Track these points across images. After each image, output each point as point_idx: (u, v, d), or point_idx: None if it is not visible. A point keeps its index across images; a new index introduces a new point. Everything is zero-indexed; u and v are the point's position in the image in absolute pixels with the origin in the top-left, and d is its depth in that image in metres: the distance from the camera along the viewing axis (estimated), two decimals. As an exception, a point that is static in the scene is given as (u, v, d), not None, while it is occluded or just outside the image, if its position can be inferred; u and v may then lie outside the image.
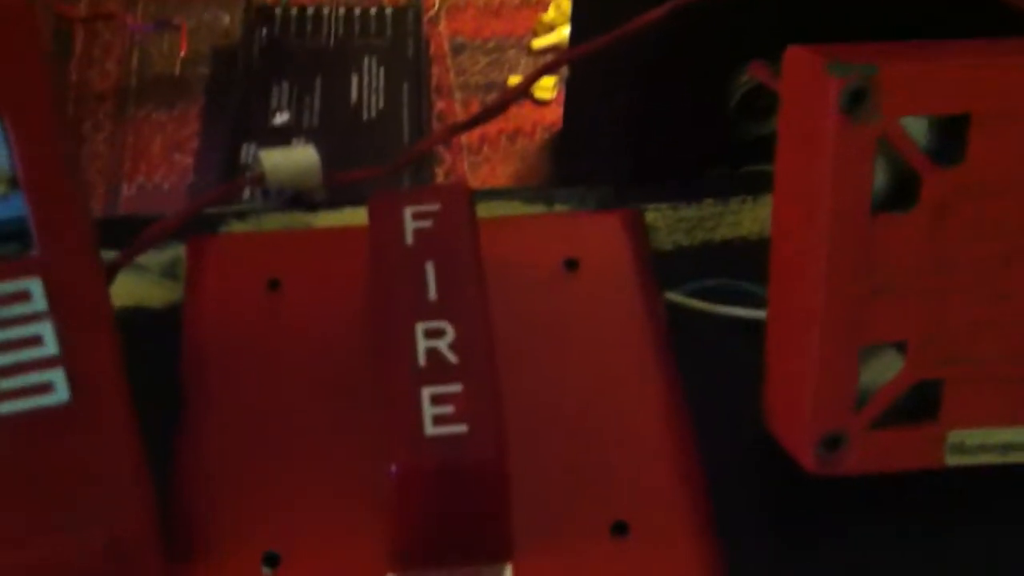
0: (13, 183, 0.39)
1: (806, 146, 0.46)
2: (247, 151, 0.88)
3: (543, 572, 0.45)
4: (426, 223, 0.48)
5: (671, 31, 0.61)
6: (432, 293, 0.46)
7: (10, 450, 0.41)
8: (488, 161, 1.01)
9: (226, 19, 1.00)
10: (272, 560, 0.45)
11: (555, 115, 1.02)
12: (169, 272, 0.54)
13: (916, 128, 0.45)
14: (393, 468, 0.42)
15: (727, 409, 0.51)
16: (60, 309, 0.40)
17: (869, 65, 0.44)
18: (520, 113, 1.05)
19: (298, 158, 0.56)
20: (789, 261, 0.48)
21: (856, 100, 0.44)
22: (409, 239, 0.47)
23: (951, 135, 0.45)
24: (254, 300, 0.51)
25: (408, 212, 0.48)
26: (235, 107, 0.95)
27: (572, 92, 0.85)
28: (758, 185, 0.60)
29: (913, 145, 0.44)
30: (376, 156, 0.85)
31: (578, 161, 0.85)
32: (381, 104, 0.90)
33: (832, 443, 0.47)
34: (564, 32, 1.01)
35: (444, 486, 0.43)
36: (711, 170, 0.64)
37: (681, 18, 0.59)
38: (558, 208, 0.59)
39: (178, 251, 0.55)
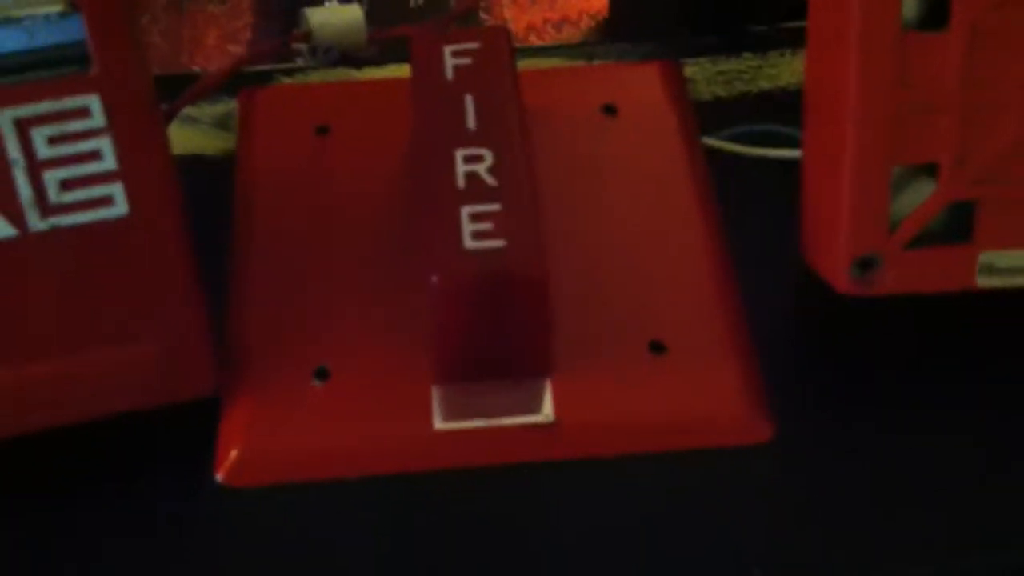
0: (71, 3, 0.41)
1: (837, -29, 0.46)
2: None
3: (581, 387, 0.47)
4: (466, 60, 0.49)
5: None
6: (471, 122, 0.47)
7: (71, 261, 0.43)
8: (533, 49, 1.00)
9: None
10: (322, 374, 0.47)
11: (601, 3, 1.02)
12: (222, 124, 0.56)
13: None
14: (433, 280, 0.44)
15: (765, 246, 0.53)
16: (117, 125, 0.42)
17: None
18: (567, 1, 1.06)
19: (343, 15, 0.57)
20: (822, 89, 0.49)
21: (885, -83, 0.44)
22: (449, 74, 0.49)
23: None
24: (303, 144, 0.53)
25: (448, 50, 0.50)
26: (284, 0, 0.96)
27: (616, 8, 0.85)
28: (798, 40, 0.61)
29: (943, -37, 0.45)
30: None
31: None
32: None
33: (866, 264, 0.48)
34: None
35: (483, 297, 0.44)
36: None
37: None
38: (597, 63, 0.60)
39: (230, 105, 0.57)
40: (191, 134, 0.56)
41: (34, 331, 0.44)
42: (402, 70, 0.59)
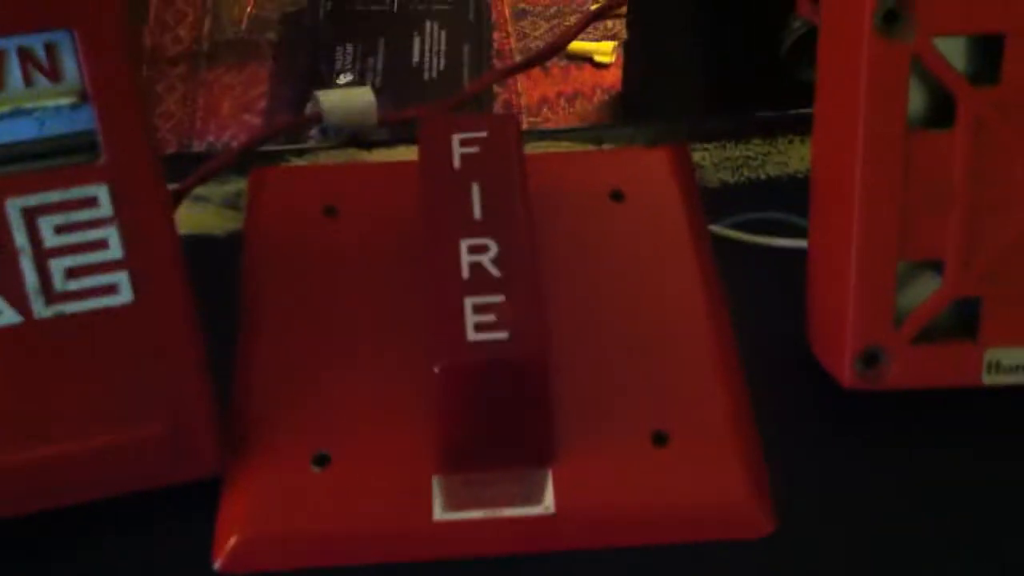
0: (82, 95, 0.41)
1: (843, 66, 0.47)
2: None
3: (583, 478, 0.47)
4: (474, 148, 0.50)
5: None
6: (477, 212, 0.48)
7: (77, 347, 0.43)
8: (547, 123, 1.02)
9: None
10: (322, 460, 0.47)
11: (614, 78, 1.03)
12: (232, 203, 0.57)
13: (954, 49, 0.46)
14: (436, 370, 0.44)
15: (771, 337, 0.53)
16: (124, 214, 0.42)
17: (903, -17, 0.45)
18: (580, 76, 1.07)
19: (355, 98, 0.58)
20: (828, 181, 0.49)
21: (890, 18, 0.45)
22: (457, 162, 0.49)
23: (988, 55, 0.46)
24: (311, 225, 0.54)
25: (456, 138, 0.50)
26: (301, 68, 0.97)
27: (631, 53, 0.86)
28: (807, 126, 0.61)
29: (946, 64, 0.45)
30: (437, 114, 0.85)
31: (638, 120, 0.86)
32: (442, 66, 0.92)
33: (870, 358, 0.48)
34: (625, -2, 1.02)
35: (485, 388, 0.44)
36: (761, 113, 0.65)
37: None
38: (607, 148, 0.60)
39: (240, 184, 0.57)
40: (201, 214, 0.56)
41: (38, 415, 0.44)
42: (412, 152, 0.59)
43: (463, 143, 0.49)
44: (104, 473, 0.45)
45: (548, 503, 0.46)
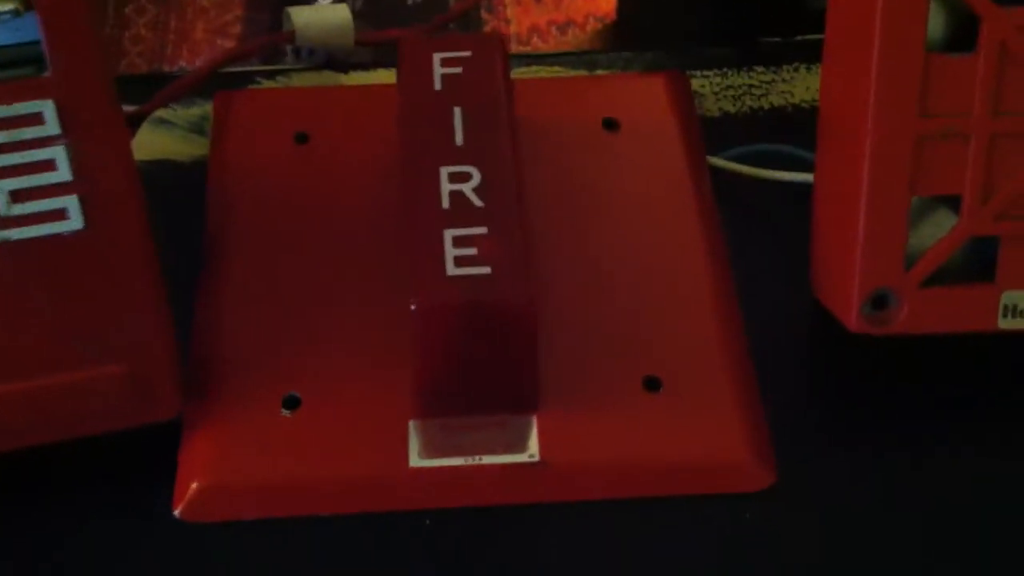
0: (23, 2, 0.38)
1: (858, -15, 0.43)
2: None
3: (570, 423, 0.44)
4: (456, 69, 0.46)
5: None
6: (459, 138, 0.44)
7: (25, 278, 0.40)
8: (536, 51, 0.97)
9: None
10: (292, 402, 0.44)
11: (608, 5, 0.98)
12: (197, 128, 0.53)
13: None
14: (413, 307, 0.41)
15: (772, 277, 0.49)
16: (73, 133, 0.39)
17: None
18: (572, 3, 1.02)
19: (329, 15, 0.54)
20: (838, 109, 0.45)
21: (912, -70, 0.41)
22: (438, 84, 0.46)
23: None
24: (281, 152, 0.50)
25: (438, 58, 0.46)
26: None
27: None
28: (813, 54, 0.58)
29: (972, -19, 0.42)
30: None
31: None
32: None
33: (879, 301, 0.45)
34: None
35: (465, 327, 0.41)
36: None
37: None
38: (600, 73, 0.57)
39: (206, 108, 0.54)
40: (164, 138, 0.52)
41: (-17, 352, 0.41)
42: (391, 75, 0.56)
43: (444, 63, 0.46)
44: (56, 415, 0.42)
45: (532, 450, 0.43)
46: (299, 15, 0.53)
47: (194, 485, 0.43)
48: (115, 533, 0.43)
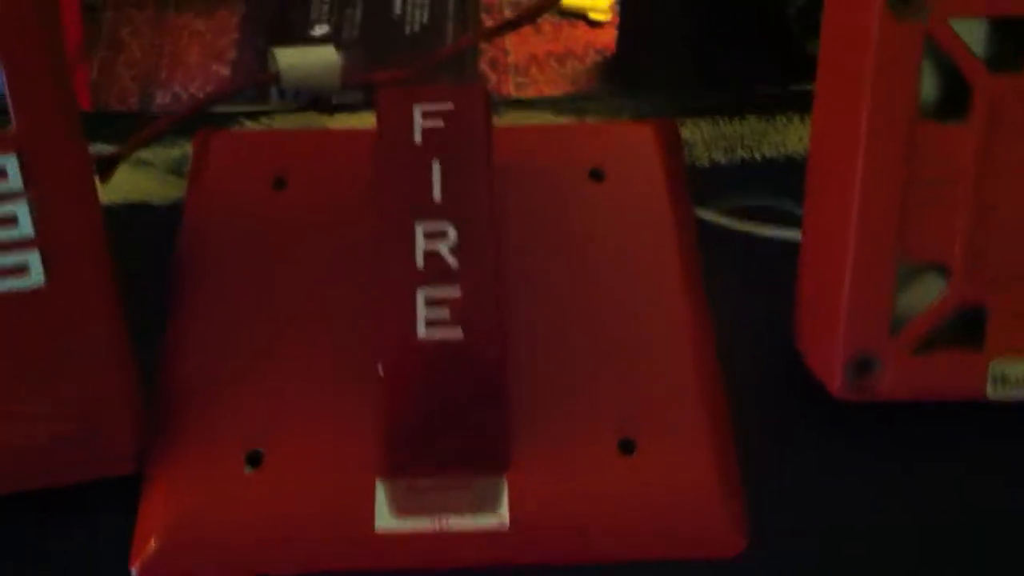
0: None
1: (849, 45, 0.42)
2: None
3: (542, 486, 0.42)
4: (437, 123, 0.45)
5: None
6: (437, 193, 0.43)
7: (-14, 332, 0.39)
8: (535, 83, 0.97)
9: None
10: (255, 459, 0.43)
11: (609, 37, 0.98)
12: (176, 170, 0.52)
13: (974, 34, 0.41)
14: (380, 369, 0.40)
15: (756, 333, 0.48)
16: (36, 188, 0.38)
17: (917, -44, 0.40)
18: (572, 34, 1.01)
19: (315, 58, 0.53)
20: (826, 170, 0.44)
21: (903, -6, 0.40)
22: (417, 137, 0.45)
23: (1009, 40, 0.41)
24: (258, 197, 0.49)
25: (418, 109, 0.45)
26: (273, 17, 0.92)
27: (628, 13, 0.81)
28: (807, 103, 0.57)
29: (963, 47, 0.41)
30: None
31: (632, 86, 0.82)
32: (425, 19, 0.87)
33: (862, 366, 0.44)
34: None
35: (435, 390, 0.40)
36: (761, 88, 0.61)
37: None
38: (589, 120, 0.56)
39: (186, 149, 0.53)
40: (141, 179, 0.52)
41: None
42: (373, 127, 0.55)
43: (425, 115, 0.45)
44: (13, 466, 0.41)
45: (502, 513, 0.42)
46: (284, 57, 0.52)
47: (152, 542, 0.41)
48: (72, 591, 0.42)
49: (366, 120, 0.55)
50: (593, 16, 0.94)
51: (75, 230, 0.39)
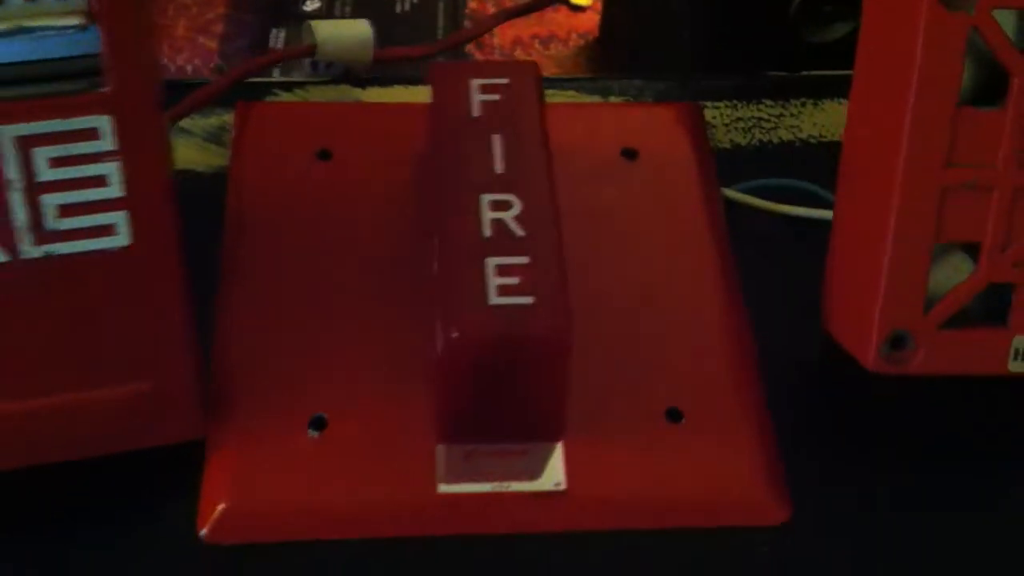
0: (89, 15, 0.37)
1: (894, 35, 0.44)
2: (276, 36, 0.85)
3: (594, 455, 0.44)
4: (493, 96, 0.46)
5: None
6: (499, 166, 0.44)
7: (63, 292, 0.39)
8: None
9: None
10: (319, 423, 0.44)
11: (591, 23, 0.99)
12: (215, 138, 0.53)
13: (1006, 23, 0.44)
14: (455, 335, 0.41)
15: (781, 306, 0.51)
16: (127, 149, 0.38)
17: (964, -49, 0.42)
18: (554, 18, 1.02)
19: (352, 30, 0.54)
20: (864, 155, 0.47)
21: (952, -12, 0.42)
22: (476, 111, 0.46)
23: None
24: (304, 168, 0.50)
25: (475, 84, 0.47)
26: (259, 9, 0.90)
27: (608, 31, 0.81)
28: (819, 90, 0.59)
29: (1005, 37, 0.43)
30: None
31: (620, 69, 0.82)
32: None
33: (897, 342, 0.46)
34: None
35: (504, 357, 0.41)
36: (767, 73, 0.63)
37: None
38: (613, 100, 0.57)
39: (223, 118, 0.53)
40: (182, 147, 0.52)
41: (19, 366, 0.40)
42: (408, 93, 0.56)
43: (482, 89, 0.46)
44: (82, 431, 0.41)
45: (559, 479, 0.44)
46: (321, 29, 0.53)
47: (220, 507, 0.42)
48: (139, 553, 0.42)
49: (397, 94, 0.57)
50: (575, 1, 0.95)
51: (159, 192, 0.39)
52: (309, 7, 0.87)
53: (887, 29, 0.45)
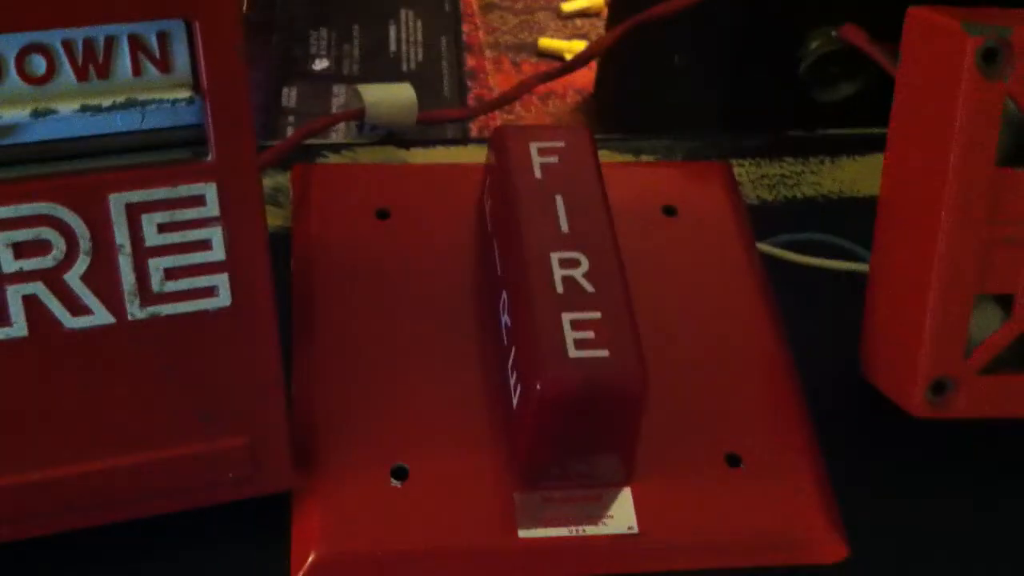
0: (194, 89, 0.39)
1: (932, 101, 0.47)
2: (288, 94, 0.88)
3: (662, 499, 0.46)
4: (552, 159, 0.49)
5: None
6: (564, 225, 0.47)
7: (171, 350, 0.41)
8: (521, 120, 1.01)
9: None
10: (400, 473, 0.45)
11: (586, 79, 1.02)
12: (271, 199, 0.54)
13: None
14: (538, 386, 0.43)
15: (820, 358, 0.53)
16: (229, 215, 0.40)
17: (1004, 27, 0.45)
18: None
19: (397, 94, 0.56)
20: (904, 211, 0.49)
21: (990, 58, 0.45)
22: (538, 173, 0.48)
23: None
24: (364, 227, 0.52)
25: (535, 147, 0.49)
26: (275, 52, 0.94)
27: (607, 59, 0.84)
28: (836, 147, 0.62)
29: (1038, 102, 0.46)
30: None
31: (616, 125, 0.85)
32: (420, 56, 0.90)
33: (939, 387, 0.49)
34: (593, -3, 1.02)
35: (584, 407, 0.43)
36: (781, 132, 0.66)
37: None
38: (645, 158, 0.60)
39: (277, 179, 0.55)
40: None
41: (122, 421, 0.41)
42: (451, 153, 0.58)
43: (541, 152, 0.48)
44: (181, 484, 0.43)
45: (631, 522, 0.46)
46: (369, 93, 0.55)
47: (312, 556, 0.44)
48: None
49: (439, 155, 0.59)
50: (569, 57, 0.98)
51: (258, 256, 0.41)
52: (318, 67, 0.89)
53: (925, 93, 0.48)
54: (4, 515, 0.41)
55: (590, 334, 0.44)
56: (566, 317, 0.44)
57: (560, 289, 0.45)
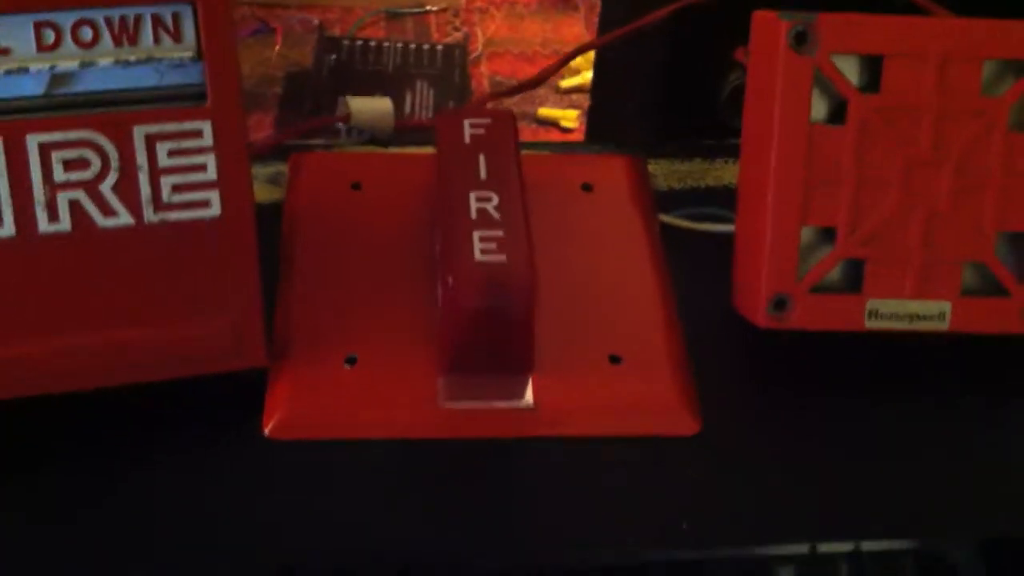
0: (198, 53, 0.55)
1: (763, 77, 0.61)
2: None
3: (556, 384, 0.60)
4: (480, 131, 0.64)
5: (677, 36, 0.78)
6: (483, 173, 0.61)
7: (173, 249, 0.56)
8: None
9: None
10: (352, 360, 0.60)
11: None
12: (273, 180, 0.70)
13: (847, 64, 0.61)
14: (450, 280, 0.57)
15: (703, 296, 0.66)
16: (221, 145, 0.55)
17: (810, 13, 0.60)
18: (547, 138, 1.22)
19: (377, 105, 0.72)
20: (749, 170, 0.63)
21: (799, 38, 0.60)
22: (467, 139, 0.63)
23: (872, 70, 0.61)
24: (341, 197, 0.67)
25: (467, 123, 0.64)
26: (304, 118, 1.11)
27: (593, 123, 1.00)
28: (737, 152, 0.76)
29: (841, 75, 0.60)
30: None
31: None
32: (431, 115, 1.07)
33: (779, 304, 0.62)
34: (588, 76, 1.18)
35: (487, 299, 0.57)
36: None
37: (685, 23, 0.76)
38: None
39: (279, 167, 0.71)
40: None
41: (136, 300, 0.56)
42: (420, 152, 0.73)
43: (472, 126, 0.63)
44: (181, 354, 0.57)
45: (529, 399, 0.59)
46: (353, 102, 0.71)
47: (280, 412, 0.58)
48: (220, 447, 0.58)
49: (411, 152, 0.74)
50: (564, 124, 1.13)
51: (241, 177, 0.56)
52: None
53: (760, 73, 0.62)
54: (46, 371, 0.56)
55: (493, 246, 0.58)
56: (476, 234, 0.59)
57: (474, 216, 0.59)
